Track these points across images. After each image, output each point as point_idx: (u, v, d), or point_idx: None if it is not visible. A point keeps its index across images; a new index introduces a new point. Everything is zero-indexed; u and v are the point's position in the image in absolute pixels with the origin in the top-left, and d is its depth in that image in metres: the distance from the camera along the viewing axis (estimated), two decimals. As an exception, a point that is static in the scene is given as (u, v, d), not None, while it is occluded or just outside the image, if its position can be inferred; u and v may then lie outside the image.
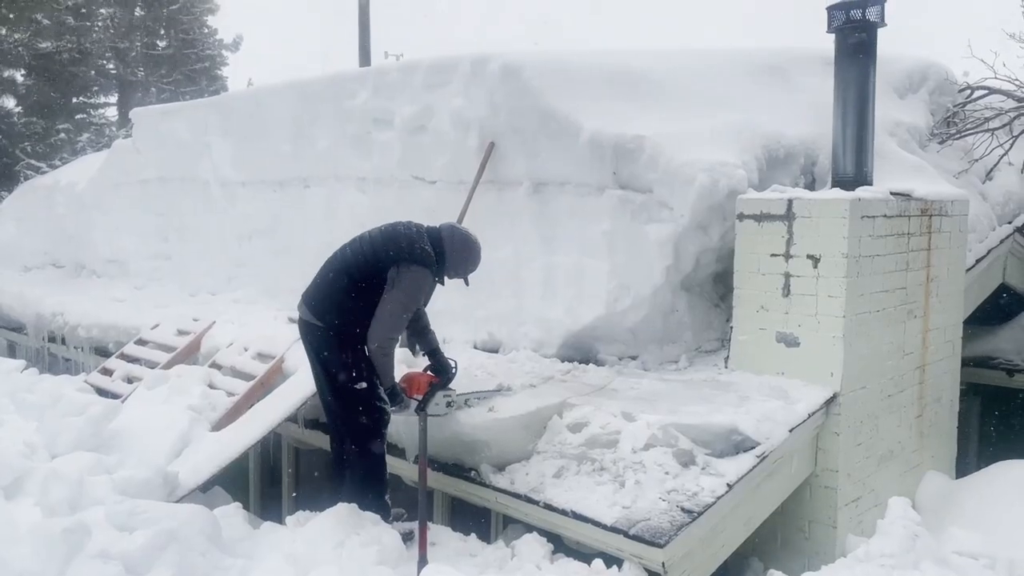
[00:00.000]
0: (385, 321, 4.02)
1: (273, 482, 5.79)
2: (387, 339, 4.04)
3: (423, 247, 4.10)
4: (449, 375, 4.40)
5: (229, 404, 5.23)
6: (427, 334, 4.44)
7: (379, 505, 4.10)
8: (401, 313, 4.05)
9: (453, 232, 4.26)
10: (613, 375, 5.13)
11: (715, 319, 5.58)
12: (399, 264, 4.05)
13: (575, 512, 3.85)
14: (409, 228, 4.21)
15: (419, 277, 4.08)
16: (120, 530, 3.42)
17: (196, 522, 3.51)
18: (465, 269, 4.32)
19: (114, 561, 3.20)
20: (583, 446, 4.28)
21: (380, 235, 4.20)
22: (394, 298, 4.01)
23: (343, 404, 4.14)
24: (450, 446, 4.44)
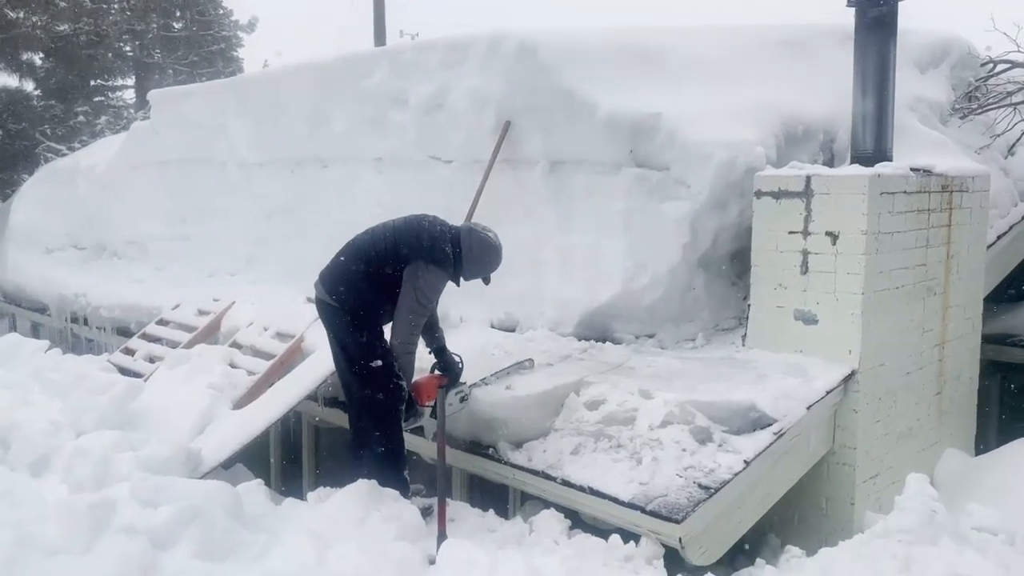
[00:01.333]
0: (404, 321, 4.09)
1: (293, 460, 5.86)
2: (408, 336, 4.11)
3: (443, 248, 4.11)
4: (456, 372, 4.44)
5: (250, 383, 5.28)
6: (435, 331, 4.47)
7: (398, 481, 4.14)
8: (420, 311, 4.10)
9: (471, 235, 4.21)
10: (630, 353, 5.15)
11: (732, 297, 5.56)
12: (416, 262, 4.07)
13: (592, 488, 3.88)
14: (433, 225, 4.21)
15: (435, 279, 4.11)
16: (145, 506, 3.48)
17: (219, 498, 3.56)
18: (483, 272, 4.32)
19: (140, 536, 3.25)
20: (600, 423, 4.30)
21: (404, 227, 4.21)
22: (412, 299, 4.06)
23: (360, 382, 4.18)
24: (468, 424, 4.48)
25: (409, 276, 4.06)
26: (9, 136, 14.95)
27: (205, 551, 3.32)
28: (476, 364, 4.85)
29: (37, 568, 3.13)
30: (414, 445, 4.58)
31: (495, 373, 4.72)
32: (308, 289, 6.18)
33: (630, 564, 3.55)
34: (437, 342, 4.48)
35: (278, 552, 3.40)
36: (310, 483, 5.48)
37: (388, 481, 4.06)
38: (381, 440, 4.18)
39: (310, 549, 3.38)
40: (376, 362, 4.12)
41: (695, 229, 5.23)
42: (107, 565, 3.11)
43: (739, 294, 5.54)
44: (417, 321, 4.11)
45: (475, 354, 5.09)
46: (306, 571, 3.28)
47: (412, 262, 4.07)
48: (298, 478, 5.68)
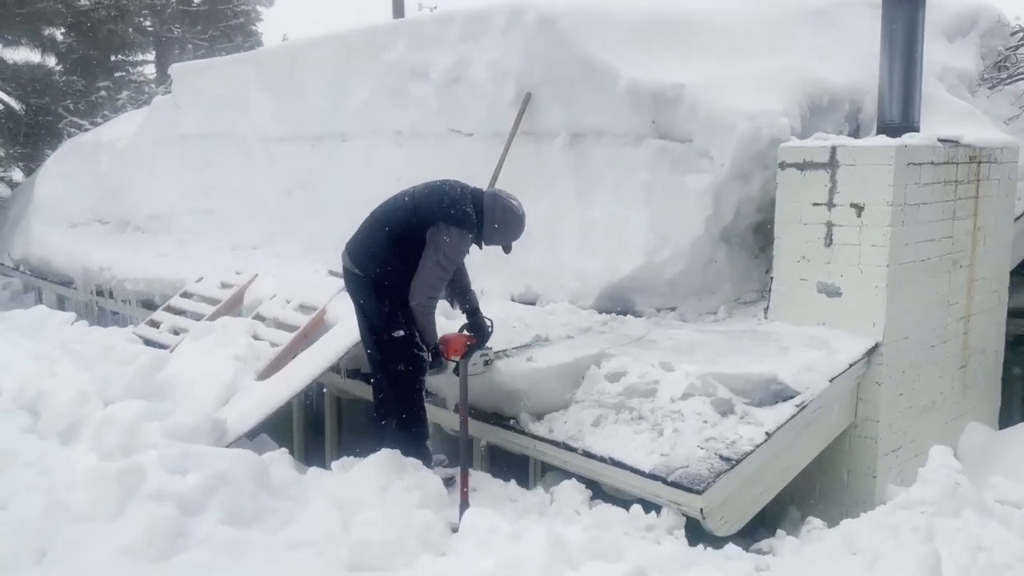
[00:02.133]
0: (424, 281, 4.06)
1: (316, 431, 5.92)
2: (427, 298, 4.10)
3: (465, 209, 4.08)
4: (486, 335, 4.43)
5: (273, 354, 5.33)
6: (467, 294, 4.46)
7: (420, 451, 4.18)
8: (440, 274, 4.08)
9: (495, 200, 4.18)
10: (651, 326, 5.14)
11: (755, 270, 5.52)
12: (438, 224, 4.05)
13: (614, 459, 3.89)
14: (454, 188, 4.19)
15: (457, 239, 4.08)
16: (172, 473, 3.53)
17: (245, 465, 3.60)
18: (505, 239, 4.29)
19: (168, 502, 3.31)
20: (621, 395, 4.30)
21: (424, 192, 4.20)
22: (433, 259, 4.04)
23: (382, 352, 4.21)
24: (489, 395, 4.50)
25: (431, 238, 4.06)
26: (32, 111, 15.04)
27: (232, 517, 3.37)
28: (498, 336, 4.86)
29: (68, 533, 3.20)
30: (436, 416, 4.61)
31: (519, 347, 4.73)
32: (329, 262, 6.25)
33: (651, 534, 3.57)
34: (470, 303, 4.48)
35: (304, 519, 3.45)
36: (332, 454, 5.54)
37: (410, 451, 4.10)
38: (403, 410, 4.21)
39: (335, 516, 3.43)
40: (398, 332, 4.13)
41: (718, 201, 5.18)
42: (136, 530, 3.17)
43: (761, 267, 5.50)
44: (436, 282, 4.09)
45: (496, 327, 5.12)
46: (331, 538, 3.33)
47: (435, 224, 4.07)
48: (320, 449, 5.74)
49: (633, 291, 5.42)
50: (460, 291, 4.43)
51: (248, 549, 3.21)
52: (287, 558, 3.20)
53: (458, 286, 4.40)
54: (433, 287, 4.10)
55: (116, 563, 3.03)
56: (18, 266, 10.81)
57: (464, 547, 3.16)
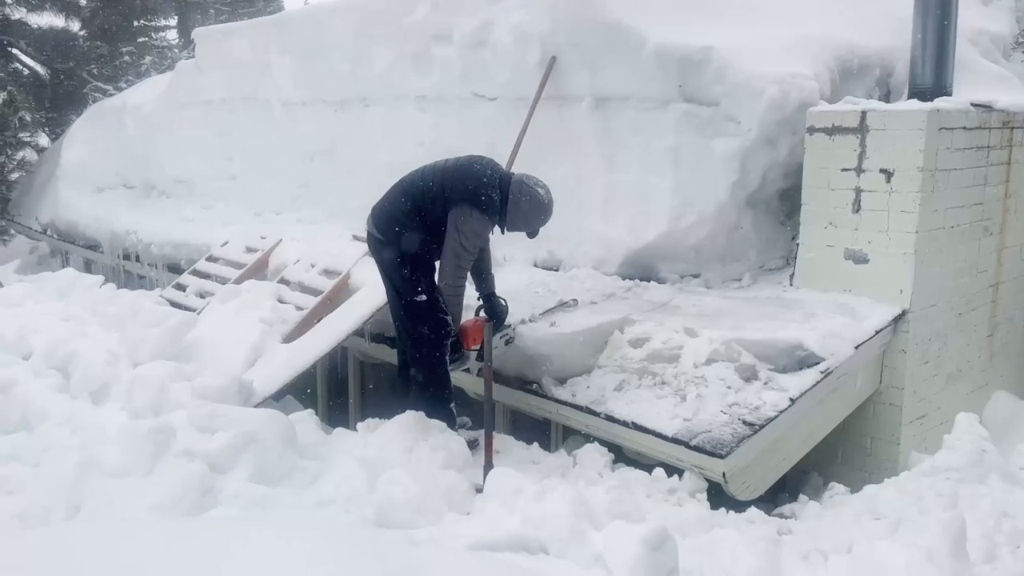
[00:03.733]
0: (449, 264, 4.11)
1: (340, 394, 5.99)
2: (454, 279, 4.14)
3: (489, 195, 4.07)
4: (502, 316, 4.46)
5: (298, 318, 5.37)
6: (486, 277, 4.48)
7: (445, 413, 4.23)
8: (464, 257, 4.11)
9: (521, 187, 4.14)
10: (675, 292, 5.14)
11: (781, 237, 5.48)
12: (461, 206, 4.06)
13: (636, 423, 3.91)
14: (484, 169, 4.16)
15: (479, 225, 4.09)
16: (202, 431, 3.60)
17: (273, 425, 3.66)
18: (528, 225, 4.27)
19: (198, 459, 3.37)
20: (644, 361, 4.32)
21: (453, 169, 4.19)
22: (456, 242, 4.07)
23: (407, 315, 4.26)
24: (512, 360, 4.53)
25: (453, 219, 4.06)
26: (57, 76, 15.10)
27: (261, 475, 3.43)
28: (520, 302, 4.88)
29: (101, 488, 3.27)
30: (459, 380, 4.65)
31: (542, 313, 4.75)
32: (353, 227, 6.28)
33: (674, 496, 3.60)
34: (486, 287, 4.49)
35: (330, 478, 3.50)
36: (356, 417, 5.61)
37: (435, 413, 4.14)
38: (428, 373, 4.25)
39: (361, 475, 3.48)
40: (421, 296, 4.16)
41: (744, 167, 5.13)
42: (168, 486, 3.23)
43: (788, 233, 5.46)
44: (462, 263, 4.12)
45: (519, 292, 5.14)
46: (357, 496, 3.38)
47: (457, 205, 4.07)
48: (344, 412, 5.82)
49: (657, 257, 5.41)
50: (478, 274, 4.44)
51: (276, 506, 3.27)
52: (314, 515, 3.26)
53: (478, 268, 4.41)
54: (458, 268, 4.13)
55: (149, 517, 3.10)
56: (45, 230, 10.94)
57: (489, 507, 3.21)
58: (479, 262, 4.38)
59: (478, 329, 4.24)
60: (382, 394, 5.76)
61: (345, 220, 6.85)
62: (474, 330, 4.28)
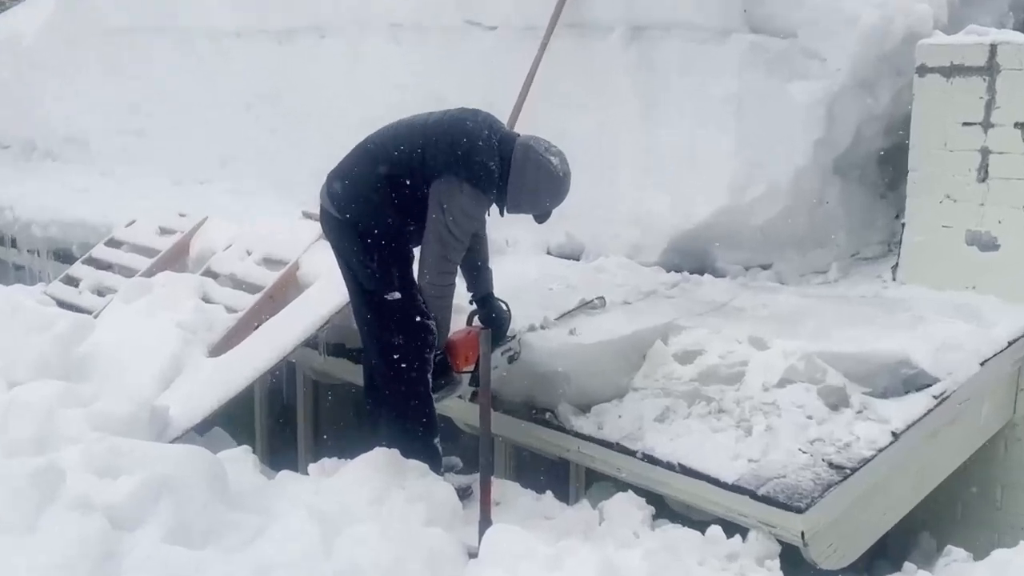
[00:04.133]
0: (433, 256, 4.08)
1: (286, 424, 6.00)
2: (440, 274, 4.12)
3: (485, 163, 4.03)
4: (503, 325, 4.45)
5: (230, 322, 5.37)
6: (481, 272, 4.47)
7: (427, 451, 4.21)
8: (452, 245, 4.07)
9: (528, 154, 4.09)
10: (737, 289, 5.17)
11: (879, 214, 5.51)
12: (448, 178, 4.04)
13: (684, 466, 3.91)
14: (479, 129, 4.11)
15: (470, 204, 4.05)
16: (101, 475, 3.57)
17: (196, 467, 3.63)
18: (536, 206, 4.23)
19: (96, 512, 3.34)
20: (695, 381, 4.33)
21: (438, 127, 4.15)
22: (440, 227, 4.03)
23: (375, 319, 4.24)
24: (518, 380, 4.52)
25: (437, 195, 4.04)
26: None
27: (180, 534, 3.41)
28: (529, 302, 4.88)
29: (-34, 551, 3.25)
30: (447, 407, 4.64)
31: (558, 317, 4.75)
32: (303, 201, 6.27)
33: (735, 564, 3.58)
34: (482, 287, 4.48)
35: (274, 537, 3.48)
36: (308, 455, 5.62)
37: (414, 451, 4.13)
38: (404, 397, 4.22)
39: (314, 533, 3.46)
40: (393, 294, 4.14)
41: (831, 119, 5.16)
42: (56, 548, 3.21)
43: (889, 210, 5.49)
44: (449, 255, 4.10)
45: (526, 290, 5.14)
46: (310, 561, 3.36)
47: (443, 177, 4.04)
48: (292, 448, 5.83)
49: (713, 241, 5.42)
50: (470, 267, 4.42)
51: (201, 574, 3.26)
52: (252, 587, 3.25)
53: (470, 260, 4.37)
54: (444, 260, 4.10)
55: (29, 590, 3.08)
56: None
57: (486, 577, 3.20)
58: (472, 252, 4.34)
59: (471, 343, 4.20)
60: (342, 425, 5.77)
61: (294, 189, 6.86)
62: (465, 345, 4.24)
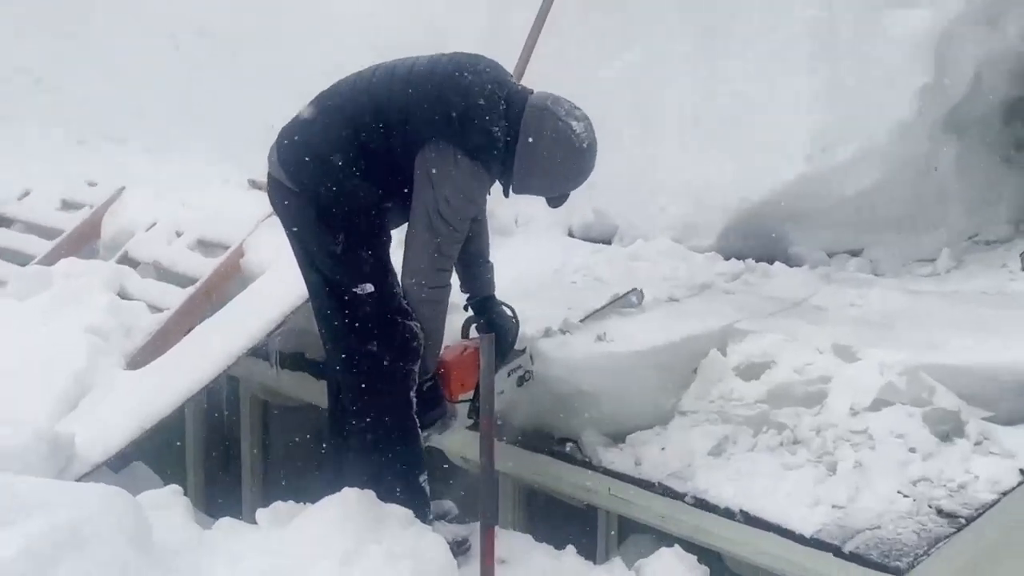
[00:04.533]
0: (422, 249, 4.12)
1: (227, 458, 6.04)
2: (432, 273, 4.16)
3: (487, 129, 4.05)
4: (508, 337, 4.48)
5: (154, 325, 5.40)
6: (479, 269, 4.52)
7: (411, 493, 4.23)
8: (447, 235, 4.08)
9: (542, 118, 4.10)
10: (818, 282, 5.21)
11: (1006, 185, 5.53)
12: (439, 147, 4.07)
13: (748, 513, 3.94)
14: (480, 84, 4.11)
15: (468, 183, 4.10)
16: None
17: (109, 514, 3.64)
18: (552, 186, 4.27)
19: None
20: (763, 403, 4.38)
21: (426, 79, 4.11)
22: (431, 210, 4.06)
23: (341, 320, 4.26)
24: (531, 402, 4.58)
25: (424, 170, 4.07)
26: None
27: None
28: (545, 299, 4.96)
29: None
30: (438, 438, 4.66)
31: (584, 318, 4.79)
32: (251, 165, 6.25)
33: (812, 641, 3.61)
34: (480, 287, 4.53)
35: (211, 605, 3.52)
36: (255, 496, 5.65)
37: (394, 492, 4.14)
38: (380, 422, 4.25)
39: (265, 603, 3.50)
40: (364, 286, 4.15)
41: (942, 61, 5.20)
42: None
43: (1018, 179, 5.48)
44: (442, 247, 4.11)
45: (542, 283, 5.23)
46: (259, 637, 3.40)
47: (432, 144, 4.07)
48: (235, 488, 5.86)
49: (787, 220, 5.48)
50: (466, 260, 4.45)
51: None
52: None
53: (464, 250, 4.40)
54: (436, 255, 4.13)
55: None
56: None
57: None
58: (466, 242, 4.39)
59: (469, 364, 4.24)
60: (300, 459, 5.79)
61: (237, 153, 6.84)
62: (462, 366, 4.29)
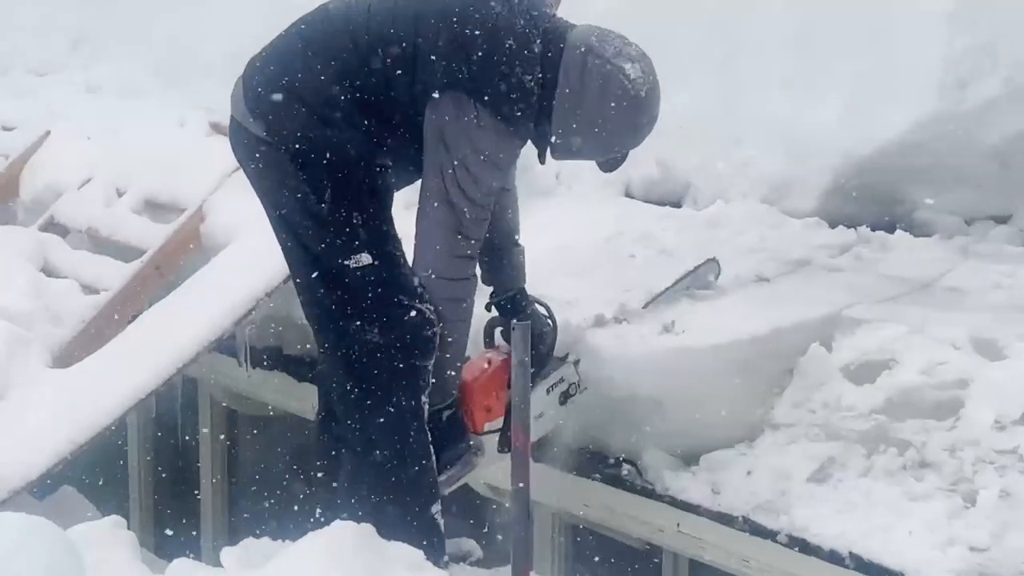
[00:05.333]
0: (437, 232, 4.14)
1: (182, 481, 6.06)
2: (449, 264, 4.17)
3: (518, 76, 4.06)
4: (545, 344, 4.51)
5: (89, 311, 5.43)
6: (505, 252, 4.55)
7: (421, 528, 4.23)
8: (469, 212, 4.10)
9: (586, 61, 4.10)
10: (954, 256, 5.22)
11: None
12: (455, 98, 4.08)
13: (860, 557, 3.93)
14: (511, 15, 4.12)
15: (492, 145, 4.10)
16: None
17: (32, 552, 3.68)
18: (599, 148, 4.27)
19: None
20: (880, 414, 4.34)
21: (443, 8, 4.14)
22: (447, 183, 4.08)
23: (330, 303, 4.25)
24: (578, 412, 4.59)
25: (437, 130, 4.09)
26: None
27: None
28: (597, 279, 4.96)
29: None
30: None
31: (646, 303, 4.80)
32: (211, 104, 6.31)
33: None
34: (508, 278, 4.56)
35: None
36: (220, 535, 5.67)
37: (400, 526, 4.14)
38: (381, 437, 4.27)
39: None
40: (358, 257, 4.14)
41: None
42: None
43: None
44: (463, 227, 4.12)
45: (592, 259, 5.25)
46: None
47: (445, 96, 4.09)
48: (192, 520, 5.88)
49: (911, 177, 5.49)
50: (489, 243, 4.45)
51: None
52: None
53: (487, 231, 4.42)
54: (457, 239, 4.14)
55: None
56: None
57: None
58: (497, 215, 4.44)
59: (493, 385, 4.30)
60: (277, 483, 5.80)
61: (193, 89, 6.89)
62: (484, 391, 4.33)
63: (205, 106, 6.47)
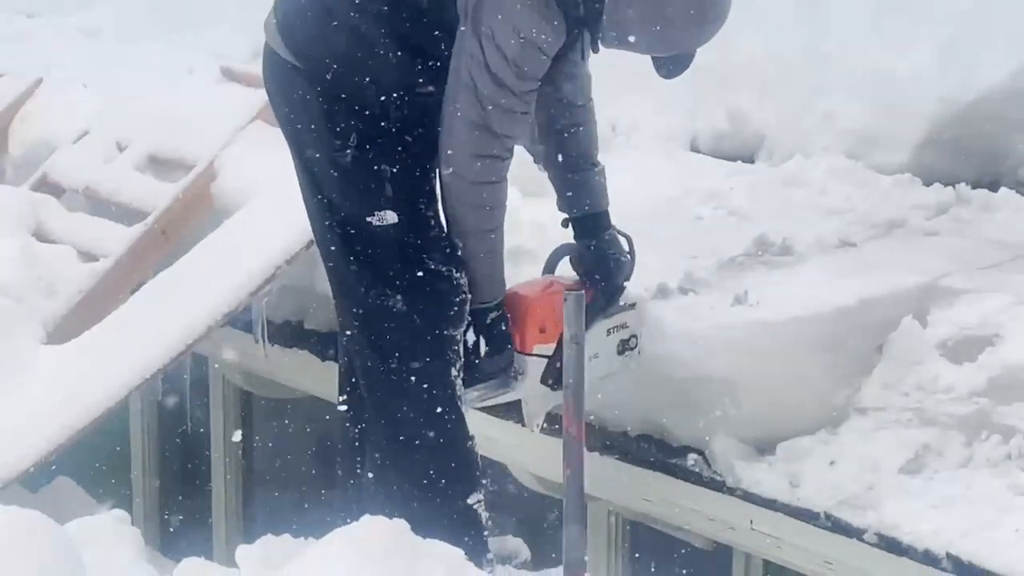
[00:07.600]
0: (463, 122, 4.11)
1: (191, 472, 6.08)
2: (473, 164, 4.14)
3: None
4: (617, 278, 4.51)
5: (87, 281, 5.45)
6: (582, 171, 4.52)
7: (459, 523, 4.25)
8: (499, 102, 4.06)
9: None
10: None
11: None
12: None
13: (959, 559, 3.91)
14: None
15: (530, 22, 4.02)
16: None
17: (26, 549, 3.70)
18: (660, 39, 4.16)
19: None
20: (982, 397, 4.33)
21: None
22: (476, 66, 4.06)
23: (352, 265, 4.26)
24: (636, 393, 4.60)
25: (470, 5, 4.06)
26: None
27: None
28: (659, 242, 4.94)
29: None
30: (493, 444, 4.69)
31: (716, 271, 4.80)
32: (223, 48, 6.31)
33: None
34: (585, 198, 4.53)
35: None
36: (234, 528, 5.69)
37: (435, 521, 4.14)
38: (410, 415, 4.29)
39: None
40: (383, 215, 4.15)
41: None
42: None
43: None
44: (491, 121, 4.09)
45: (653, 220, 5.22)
46: None
47: None
48: (203, 515, 5.90)
49: (1017, 126, 5.46)
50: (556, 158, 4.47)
51: None
52: None
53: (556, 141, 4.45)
54: (483, 133, 4.11)
55: None
56: None
57: None
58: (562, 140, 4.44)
59: (549, 306, 4.26)
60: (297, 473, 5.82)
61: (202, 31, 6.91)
62: (542, 307, 4.30)
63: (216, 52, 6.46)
